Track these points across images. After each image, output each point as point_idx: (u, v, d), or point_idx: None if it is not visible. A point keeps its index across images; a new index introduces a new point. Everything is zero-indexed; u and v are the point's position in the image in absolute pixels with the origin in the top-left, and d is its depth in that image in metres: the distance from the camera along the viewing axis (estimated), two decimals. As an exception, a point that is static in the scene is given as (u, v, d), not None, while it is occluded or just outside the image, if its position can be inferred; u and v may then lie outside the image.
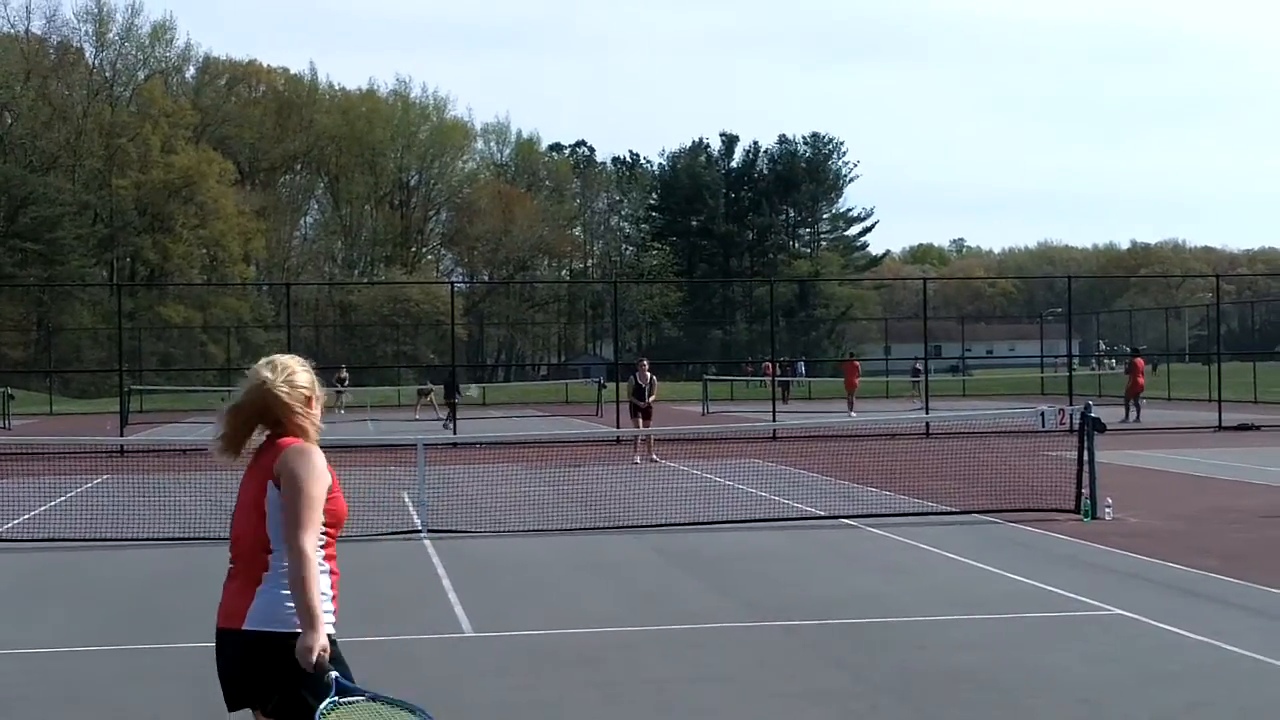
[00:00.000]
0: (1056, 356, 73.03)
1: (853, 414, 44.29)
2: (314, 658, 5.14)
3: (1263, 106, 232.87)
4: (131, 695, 9.58)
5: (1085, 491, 18.37)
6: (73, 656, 10.88)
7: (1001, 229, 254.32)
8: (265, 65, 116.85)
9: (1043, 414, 22.46)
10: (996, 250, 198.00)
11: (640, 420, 29.97)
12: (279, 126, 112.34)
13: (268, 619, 5.26)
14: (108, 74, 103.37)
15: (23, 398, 62.67)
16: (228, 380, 74.72)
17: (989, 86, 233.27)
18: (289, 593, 5.23)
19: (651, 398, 30.36)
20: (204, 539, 17.26)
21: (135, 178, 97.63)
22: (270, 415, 5.48)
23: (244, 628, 5.27)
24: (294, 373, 5.59)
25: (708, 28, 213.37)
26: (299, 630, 5.16)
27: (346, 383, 54.69)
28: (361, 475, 25.51)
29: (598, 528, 18.18)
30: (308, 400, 5.56)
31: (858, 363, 50.21)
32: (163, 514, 19.68)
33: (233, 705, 5.44)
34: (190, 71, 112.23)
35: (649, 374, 30.62)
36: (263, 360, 5.70)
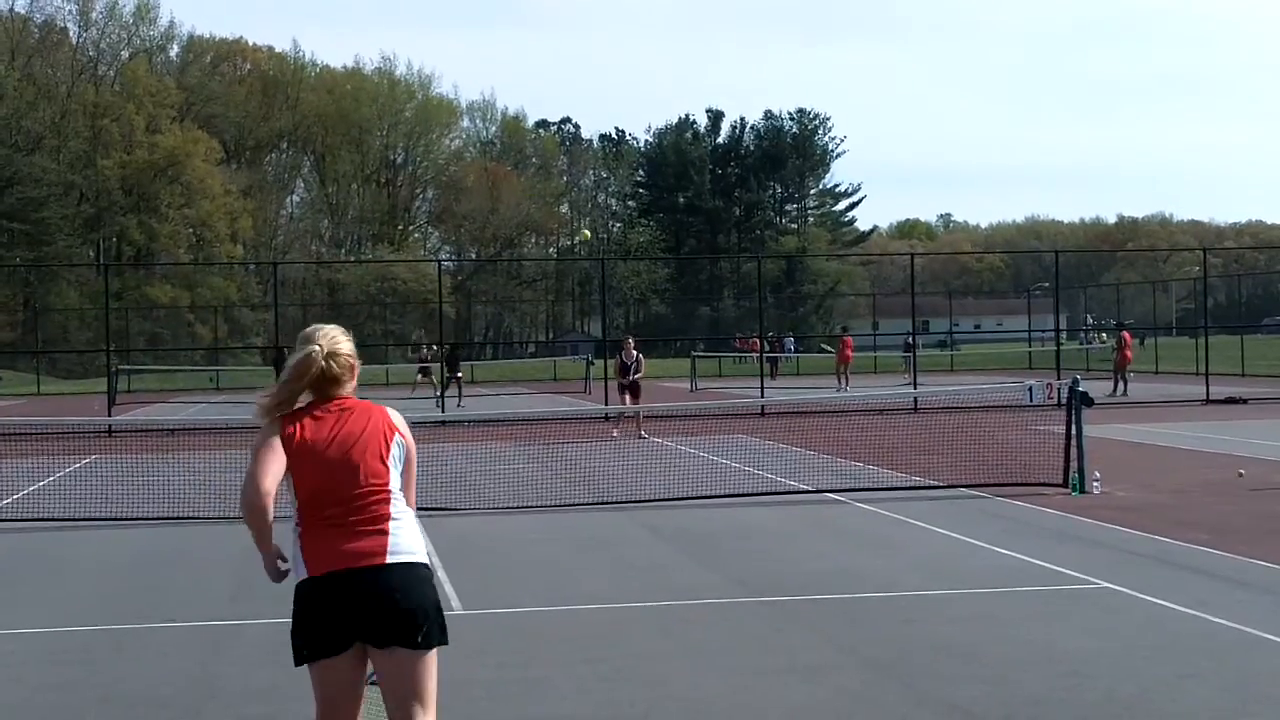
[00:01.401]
0: (1044, 331, 73.26)
1: (846, 389, 44.36)
2: None
3: (1249, 80, 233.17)
4: (123, 674, 9.57)
5: (1073, 465, 18.42)
6: (63, 636, 10.87)
7: (988, 204, 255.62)
8: (250, 43, 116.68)
9: (1031, 388, 22.43)
10: (984, 225, 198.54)
11: (627, 398, 29.83)
12: (264, 105, 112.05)
13: (411, 550, 5.73)
14: (91, 53, 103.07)
15: (10, 378, 62.69)
16: (215, 360, 74.84)
17: (975, 61, 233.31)
18: (411, 530, 5.80)
19: (638, 375, 30.20)
20: (192, 519, 17.26)
21: (120, 158, 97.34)
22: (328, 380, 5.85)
23: (389, 561, 5.65)
24: (339, 341, 5.91)
25: (693, 3, 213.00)
26: (425, 561, 5.80)
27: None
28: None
29: (587, 504, 18.19)
30: (352, 368, 5.94)
31: (850, 338, 50.22)
32: (151, 493, 19.66)
33: (336, 649, 5.66)
34: (174, 50, 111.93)
35: (635, 351, 30.39)
36: (311, 329, 5.99)
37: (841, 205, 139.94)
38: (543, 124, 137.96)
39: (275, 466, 5.78)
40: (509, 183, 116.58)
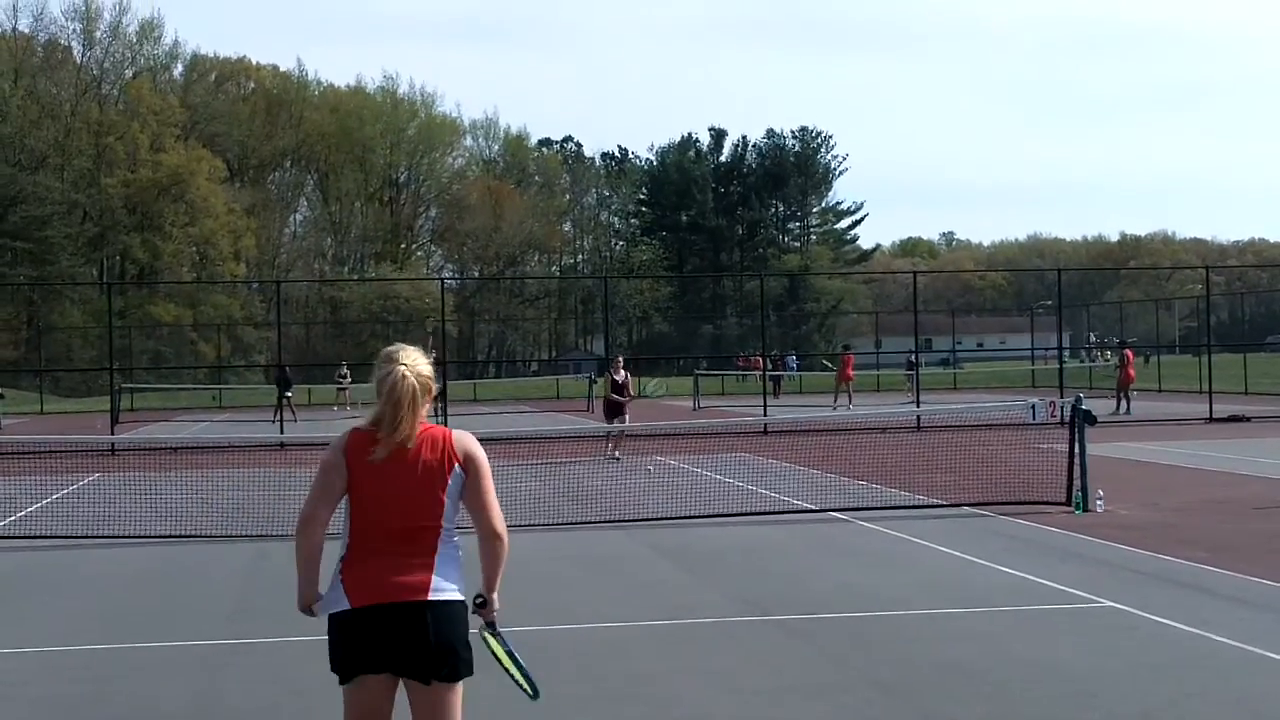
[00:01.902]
0: (1047, 349, 73.12)
1: (850, 406, 44.33)
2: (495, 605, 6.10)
3: (1251, 96, 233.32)
4: (124, 692, 9.56)
5: (1076, 484, 18.39)
6: (65, 655, 10.86)
7: (991, 222, 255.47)
8: (253, 62, 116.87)
9: (1034, 407, 22.41)
10: (986, 243, 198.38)
11: (616, 418, 29.38)
12: (268, 123, 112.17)
13: (452, 587, 5.82)
14: (95, 72, 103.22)
15: (13, 397, 62.58)
16: (218, 378, 74.85)
17: (977, 79, 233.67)
18: (454, 566, 5.86)
19: (627, 397, 29.82)
20: (195, 537, 17.25)
21: (124, 176, 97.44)
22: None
23: (432, 598, 5.72)
24: (420, 362, 5.86)
25: (695, 21, 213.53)
26: (463, 599, 5.82)
27: (348, 379, 54.66)
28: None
29: (590, 523, 18.17)
30: (429, 391, 5.83)
31: (852, 356, 50.23)
32: (154, 512, 19.66)
33: (363, 671, 5.75)
34: (178, 69, 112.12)
35: (624, 371, 30.04)
36: (394, 348, 5.91)
37: (844, 223, 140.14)
38: (545, 142, 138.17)
39: (331, 494, 5.83)
40: (512, 201, 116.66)
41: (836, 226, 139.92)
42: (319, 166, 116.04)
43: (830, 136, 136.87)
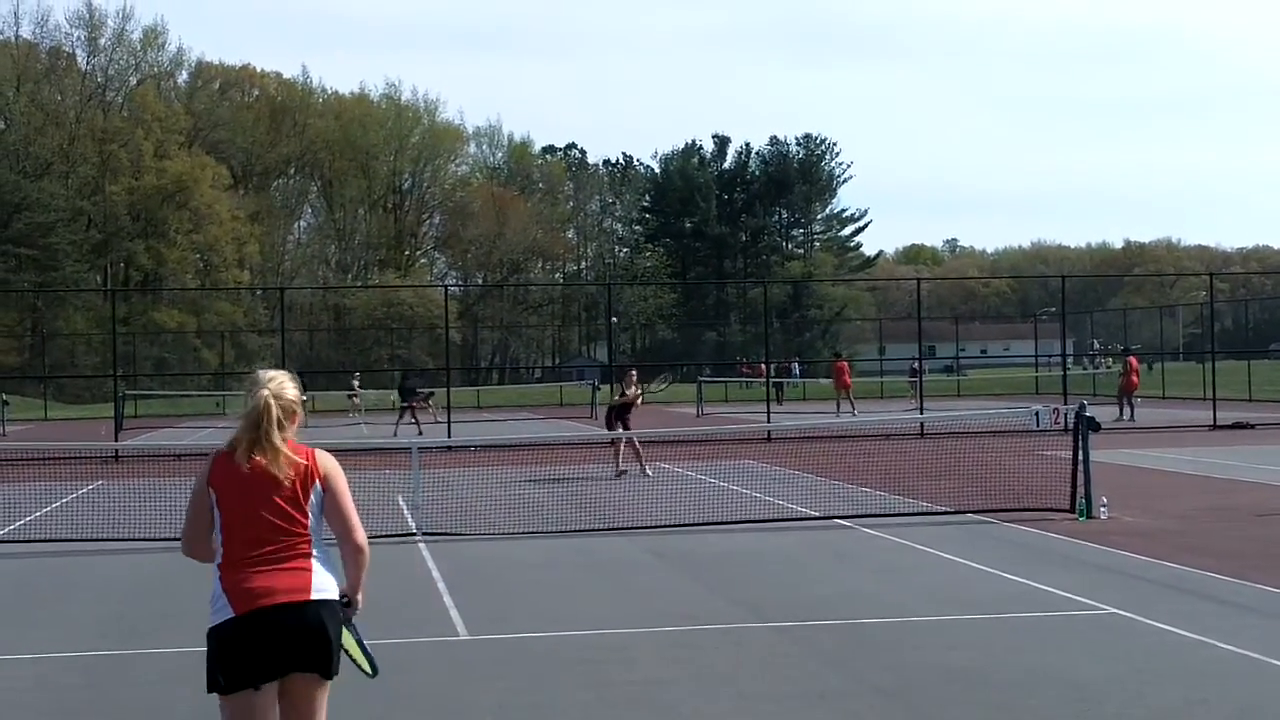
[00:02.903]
0: (1051, 356, 73.01)
1: (854, 413, 44.32)
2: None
3: (1256, 104, 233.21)
4: (127, 699, 9.57)
5: (1080, 491, 18.38)
6: (68, 660, 10.86)
7: (995, 229, 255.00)
8: (258, 69, 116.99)
9: (1037, 413, 22.44)
10: (990, 250, 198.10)
11: (620, 428, 27.41)
12: (272, 131, 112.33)
13: (328, 589, 6.07)
14: (100, 79, 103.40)
15: (17, 403, 62.69)
16: (222, 385, 74.87)
17: (981, 86, 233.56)
18: (329, 569, 6.11)
19: (629, 400, 27.77)
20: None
21: (128, 183, 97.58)
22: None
23: (314, 598, 5.98)
24: (286, 386, 6.18)
25: (698, 29, 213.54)
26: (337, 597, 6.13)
27: (360, 385, 54.70)
28: (356, 479, 25.51)
29: (592, 530, 18.17)
30: (294, 414, 6.15)
31: (845, 363, 50.20)
32: (158, 518, 19.66)
33: (265, 677, 5.94)
34: (183, 76, 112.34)
35: (635, 386, 27.94)
36: (260, 373, 6.26)
37: (848, 230, 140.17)
38: (549, 149, 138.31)
39: (202, 519, 6.11)
40: (515, 208, 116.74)
41: (840, 233, 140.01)
42: (323, 174, 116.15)
43: (834, 144, 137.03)
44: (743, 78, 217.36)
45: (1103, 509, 18.24)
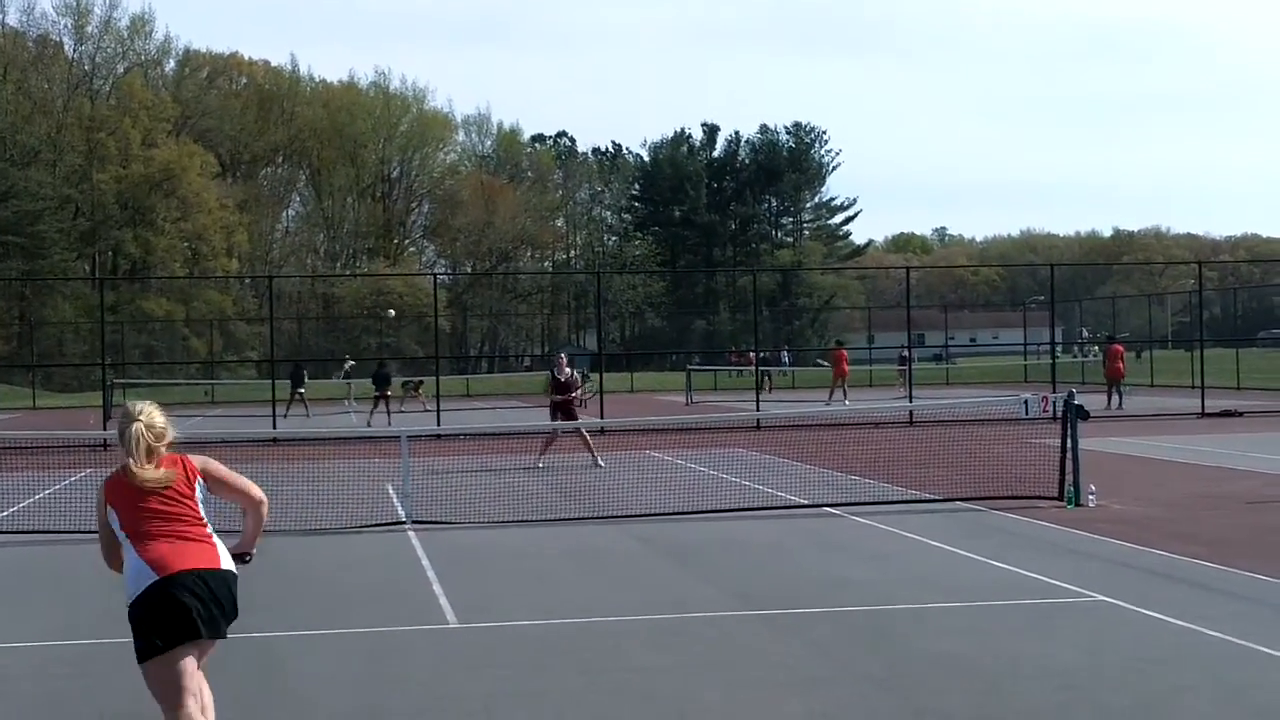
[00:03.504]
0: (1040, 344, 73.18)
1: (846, 401, 44.34)
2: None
3: (1244, 95, 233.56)
4: (118, 689, 9.55)
5: (1069, 478, 18.42)
6: (58, 650, 10.85)
7: (984, 218, 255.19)
8: (246, 58, 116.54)
9: (1026, 402, 22.43)
10: (979, 239, 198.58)
11: (561, 419, 27.02)
12: (260, 119, 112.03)
13: (229, 561, 7.08)
14: (87, 68, 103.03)
15: (4, 392, 62.62)
16: (210, 373, 74.81)
17: (971, 76, 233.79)
18: (224, 547, 7.14)
19: (575, 394, 27.71)
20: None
21: (116, 171, 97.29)
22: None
23: (223, 568, 6.98)
24: (155, 416, 7.29)
25: (687, 18, 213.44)
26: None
27: (353, 368, 54.67)
28: (345, 467, 25.52)
29: (582, 518, 18.18)
30: (163, 435, 7.25)
31: (845, 351, 50.22)
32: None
33: (183, 639, 6.78)
34: (170, 64, 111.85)
35: (568, 369, 27.89)
36: (130, 405, 7.36)
37: (837, 219, 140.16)
38: (539, 138, 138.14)
39: (110, 534, 7.11)
40: (504, 196, 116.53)
41: (829, 222, 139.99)
42: (311, 162, 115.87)
43: (824, 132, 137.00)
44: (732, 67, 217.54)
45: (1091, 497, 18.28)
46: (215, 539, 7.09)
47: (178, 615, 6.70)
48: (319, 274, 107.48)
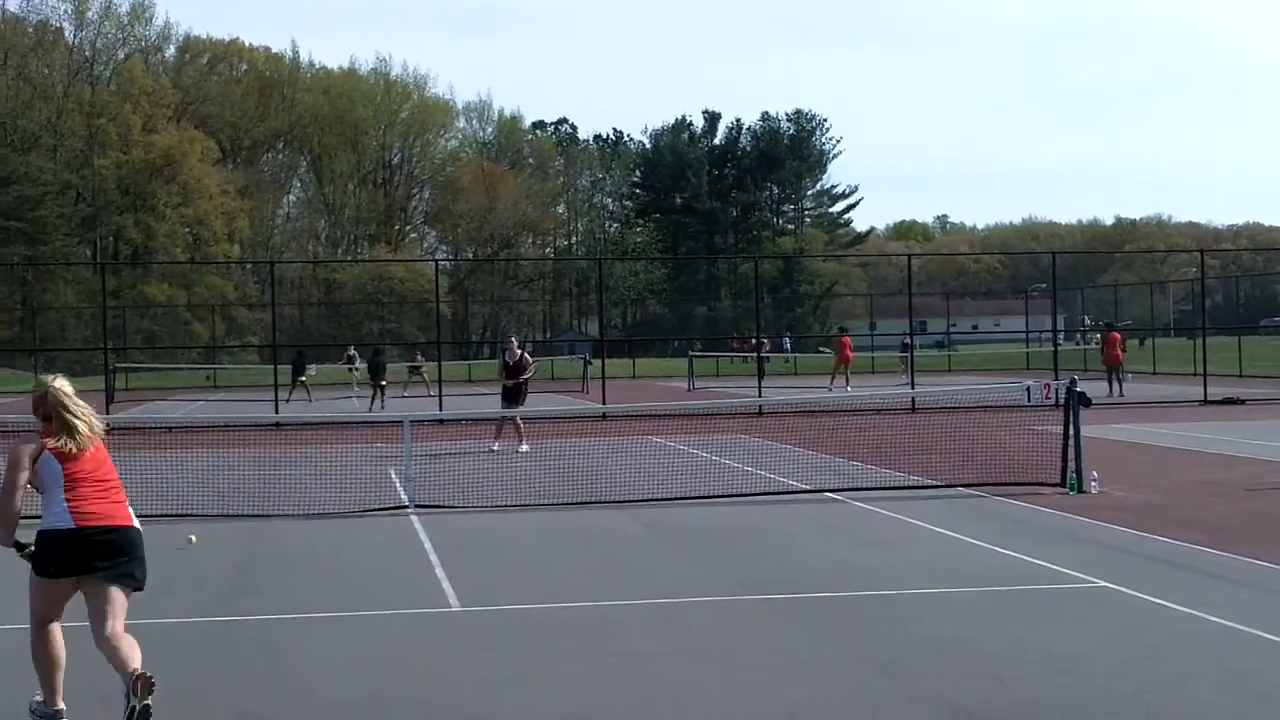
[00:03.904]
0: (1041, 332, 73.21)
1: (848, 388, 44.33)
2: None
3: (1246, 84, 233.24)
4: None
5: (1071, 465, 18.42)
6: (69, 631, 10.83)
7: (986, 205, 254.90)
8: (246, 44, 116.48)
9: (1028, 389, 22.40)
10: (981, 226, 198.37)
11: (508, 404, 27.22)
12: (261, 105, 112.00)
13: (137, 522, 8.61)
14: (87, 53, 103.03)
15: (6, 376, 62.59)
16: (212, 358, 74.81)
17: (973, 64, 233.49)
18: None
19: (524, 376, 27.68)
20: (189, 516, 17.23)
21: (116, 157, 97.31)
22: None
23: (133, 525, 8.53)
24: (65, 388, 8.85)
25: (688, 5, 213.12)
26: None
27: (356, 360, 54.73)
28: (348, 452, 25.52)
29: (584, 503, 18.17)
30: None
31: (849, 337, 50.17)
32: (149, 491, 19.65)
33: (79, 572, 8.36)
34: (170, 50, 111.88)
35: (518, 351, 28.14)
36: (47, 379, 8.88)
37: (838, 206, 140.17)
38: (540, 125, 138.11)
39: (23, 480, 8.65)
40: (506, 183, 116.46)
41: (831, 209, 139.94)
42: (312, 148, 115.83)
43: (825, 120, 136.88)
44: (734, 54, 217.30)
45: (1093, 483, 18.28)
46: (127, 503, 8.72)
47: (73, 556, 8.50)
48: (320, 260, 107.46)
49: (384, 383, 42.03)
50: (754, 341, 53.98)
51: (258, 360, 76.27)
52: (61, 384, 8.75)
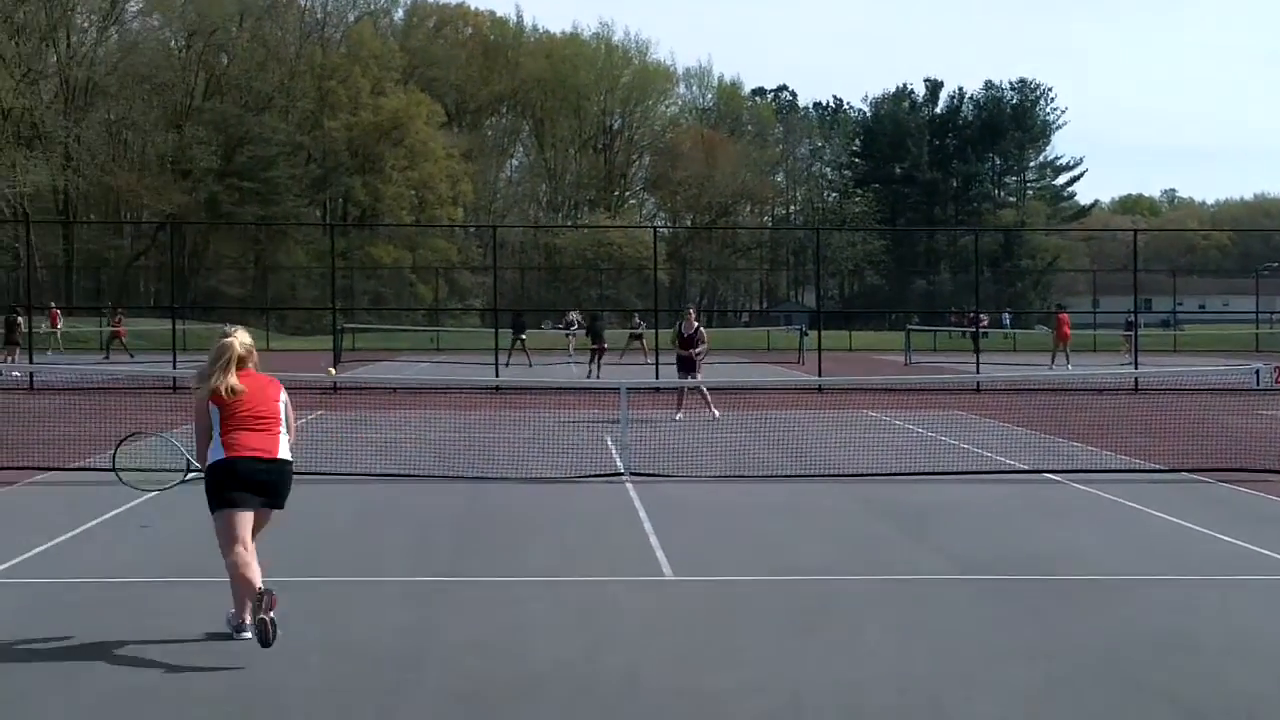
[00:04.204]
0: (1273, 313, 71.00)
1: (1069, 366, 43.59)
2: None
3: None
4: (343, 624, 9.86)
5: (1301, 453, 17.88)
6: (286, 586, 11.21)
7: (1216, 180, 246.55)
8: (472, 8, 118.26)
9: (1257, 371, 21.78)
10: (1210, 202, 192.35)
11: (684, 373, 27.77)
12: (485, 69, 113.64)
13: (289, 454, 9.62)
14: (319, 16, 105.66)
15: (240, 334, 64.56)
16: (435, 320, 76.32)
17: (1200, 34, 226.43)
18: (288, 445, 9.68)
19: (697, 350, 27.85)
20: (412, 476, 17.64)
21: (346, 119, 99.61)
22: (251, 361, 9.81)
23: (279, 457, 9.48)
24: (245, 336, 9.86)
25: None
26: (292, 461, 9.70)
27: (575, 326, 55.41)
28: (566, 418, 25.85)
29: (799, 475, 18.16)
30: (252, 352, 9.84)
31: (1067, 314, 49.23)
32: (372, 450, 20.19)
33: (251, 505, 9.34)
34: (399, 14, 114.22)
35: (695, 323, 28.25)
36: (229, 328, 9.94)
37: (1062, 179, 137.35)
38: (759, 91, 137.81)
39: (208, 419, 9.43)
40: (724, 150, 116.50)
41: (1054, 182, 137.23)
42: (534, 113, 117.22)
43: (1050, 89, 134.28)
44: (957, 20, 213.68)
45: (1325, 472, 17.73)
46: (282, 439, 9.57)
47: (237, 486, 9.29)
48: (540, 225, 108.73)
49: (605, 346, 42.40)
50: (971, 316, 53.30)
51: (479, 324, 77.63)
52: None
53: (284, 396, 9.73)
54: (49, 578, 11.51)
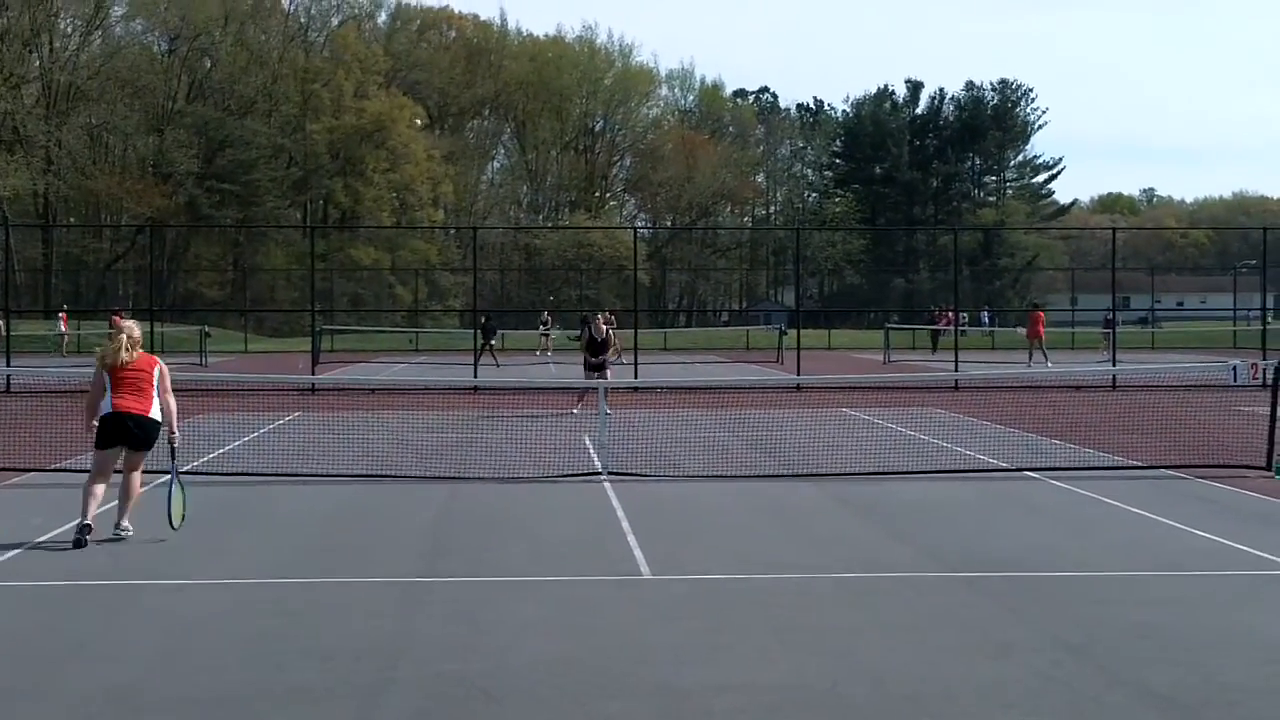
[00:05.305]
0: (1250, 310, 71.12)
1: (1049, 364, 43.67)
2: (176, 436, 13.33)
3: None
4: (320, 627, 9.83)
5: (1278, 448, 17.93)
6: (264, 588, 11.19)
7: (1194, 179, 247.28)
8: (455, 11, 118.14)
9: (1235, 368, 21.86)
10: (1188, 200, 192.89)
11: (593, 376, 27.47)
12: (468, 72, 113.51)
13: (157, 415, 13.10)
14: (303, 20, 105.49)
15: (219, 336, 64.51)
16: (415, 321, 76.22)
17: (1178, 32, 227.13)
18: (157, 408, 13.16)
19: (606, 355, 28.07)
20: (389, 476, 17.61)
21: (328, 122, 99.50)
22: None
23: (149, 416, 13.01)
24: (134, 329, 13.29)
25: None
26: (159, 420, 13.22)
27: (550, 325, 55.29)
28: (543, 417, 25.83)
29: (776, 474, 18.17)
30: (138, 341, 13.27)
31: (1041, 313, 49.31)
32: (350, 451, 20.15)
33: (115, 445, 12.99)
34: (382, 17, 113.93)
35: (605, 328, 28.30)
36: (122, 322, 13.34)
37: (1041, 178, 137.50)
38: (740, 93, 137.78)
39: (102, 383, 12.91)
40: (706, 151, 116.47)
41: (1033, 181, 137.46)
42: (516, 115, 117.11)
43: (1030, 89, 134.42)
44: (937, 22, 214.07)
45: (1302, 468, 17.78)
46: (152, 403, 13.07)
47: (113, 434, 12.97)
48: (521, 225, 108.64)
49: (493, 345, 43.25)
50: (941, 313, 53.33)
51: (458, 325, 77.55)
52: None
53: (160, 371, 13.16)
54: (26, 580, 11.47)
